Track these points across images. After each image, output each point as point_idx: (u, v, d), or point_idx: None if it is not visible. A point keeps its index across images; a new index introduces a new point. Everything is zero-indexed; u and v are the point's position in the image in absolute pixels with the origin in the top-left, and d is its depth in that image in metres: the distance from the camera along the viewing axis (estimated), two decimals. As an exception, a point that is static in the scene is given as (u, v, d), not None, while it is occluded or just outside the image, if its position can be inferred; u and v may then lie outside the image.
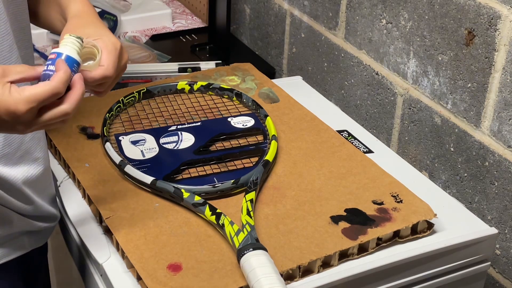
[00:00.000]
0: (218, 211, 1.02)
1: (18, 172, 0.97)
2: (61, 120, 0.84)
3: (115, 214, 1.04)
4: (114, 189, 1.09)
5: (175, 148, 1.19)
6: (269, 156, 1.15)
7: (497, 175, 1.21)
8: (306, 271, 0.99)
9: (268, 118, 1.26)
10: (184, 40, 1.89)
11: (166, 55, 1.77)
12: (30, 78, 0.83)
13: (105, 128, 1.21)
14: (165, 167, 1.13)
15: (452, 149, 1.30)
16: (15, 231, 1.01)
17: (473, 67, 1.21)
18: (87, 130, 1.24)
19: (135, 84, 1.52)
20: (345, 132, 1.31)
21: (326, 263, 1.00)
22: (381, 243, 1.04)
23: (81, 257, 1.07)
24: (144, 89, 1.32)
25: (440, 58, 1.28)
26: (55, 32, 1.09)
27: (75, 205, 1.11)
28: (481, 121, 1.22)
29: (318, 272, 0.99)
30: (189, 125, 1.25)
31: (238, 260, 0.95)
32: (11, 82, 0.81)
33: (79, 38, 0.87)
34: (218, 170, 1.14)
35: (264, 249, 0.95)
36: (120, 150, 1.17)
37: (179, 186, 1.07)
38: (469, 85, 1.23)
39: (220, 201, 1.08)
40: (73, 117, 0.86)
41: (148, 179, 1.08)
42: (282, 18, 1.74)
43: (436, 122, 1.32)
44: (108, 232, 1.04)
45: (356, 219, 1.05)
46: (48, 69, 0.84)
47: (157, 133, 1.22)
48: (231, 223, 1.00)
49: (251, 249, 0.94)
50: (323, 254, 0.99)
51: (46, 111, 0.82)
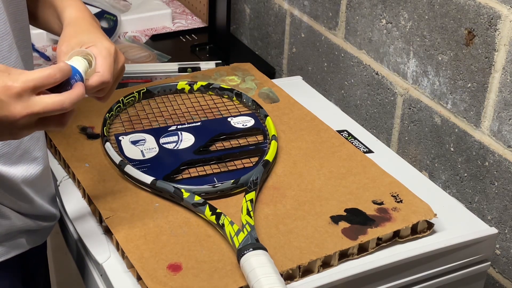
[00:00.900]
0: (218, 211, 1.02)
1: (17, 171, 0.97)
2: (58, 120, 0.83)
3: (115, 214, 1.04)
4: (114, 189, 1.09)
5: (175, 148, 1.19)
6: (269, 156, 1.15)
7: (497, 175, 1.21)
8: (306, 271, 0.99)
9: (268, 118, 1.25)
10: (184, 40, 1.89)
11: (166, 55, 1.77)
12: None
13: (105, 128, 1.21)
14: (165, 167, 1.13)
15: (452, 149, 1.30)
16: (14, 229, 1.01)
17: (473, 67, 1.21)
18: (87, 130, 1.24)
19: (135, 84, 1.52)
20: (345, 132, 1.31)
21: (326, 263, 1.00)
22: (381, 243, 1.04)
23: (81, 257, 1.07)
24: (144, 89, 1.32)
25: (440, 58, 1.28)
26: (53, 34, 1.09)
27: (75, 205, 1.10)
28: (481, 121, 1.22)
29: (318, 272, 0.99)
30: (189, 125, 1.25)
31: (238, 260, 0.95)
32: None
33: (84, 58, 0.89)
34: (218, 170, 1.14)
35: (264, 249, 0.95)
36: (120, 150, 1.17)
37: (179, 186, 1.07)
38: (469, 85, 1.23)
39: (220, 201, 1.08)
40: (73, 117, 0.86)
41: (148, 179, 1.08)
42: (282, 18, 1.74)
43: (436, 122, 1.32)
44: (108, 232, 1.04)
45: (356, 219, 1.05)
46: None
47: (157, 133, 1.22)
48: (231, 223, 1.00)
49: (251, 249, 0.94)
50: (323, 254, 0.99)
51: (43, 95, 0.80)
